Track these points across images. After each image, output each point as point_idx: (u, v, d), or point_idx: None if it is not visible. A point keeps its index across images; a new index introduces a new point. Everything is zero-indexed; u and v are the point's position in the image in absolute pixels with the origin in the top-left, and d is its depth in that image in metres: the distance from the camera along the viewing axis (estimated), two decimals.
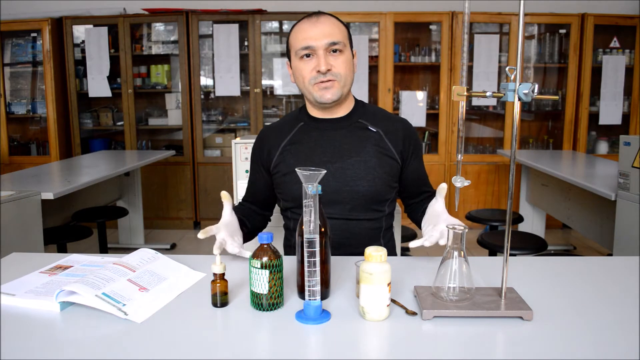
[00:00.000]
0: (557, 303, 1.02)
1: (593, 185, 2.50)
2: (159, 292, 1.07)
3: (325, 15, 1.35)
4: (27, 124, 4.50)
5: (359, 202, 1.38)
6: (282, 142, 1.44)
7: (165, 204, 4.41)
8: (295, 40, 1.35)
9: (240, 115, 4.56)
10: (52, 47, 4.13)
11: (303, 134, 1.43)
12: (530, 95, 0.90)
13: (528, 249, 2.36)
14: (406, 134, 1.44)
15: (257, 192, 1.52)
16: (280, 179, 1.42)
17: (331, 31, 1.32)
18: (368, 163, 1.38)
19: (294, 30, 1.37)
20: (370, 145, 1.40)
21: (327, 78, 1.33)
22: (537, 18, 4.21)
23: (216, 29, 4.18)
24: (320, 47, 1.31)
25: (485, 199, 4.35)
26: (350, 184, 1.36)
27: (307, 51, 1.33)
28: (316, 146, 1.40)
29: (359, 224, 1.40)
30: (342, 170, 1.37)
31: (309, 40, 1.32)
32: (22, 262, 1.27)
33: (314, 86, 1.35)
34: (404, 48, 4.33)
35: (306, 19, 1.35)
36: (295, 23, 1.39)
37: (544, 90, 4.41)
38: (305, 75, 1.35)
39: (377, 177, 1.38)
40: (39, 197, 2.27)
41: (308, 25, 1.33)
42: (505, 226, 1.98)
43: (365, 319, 0.96)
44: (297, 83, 1.40)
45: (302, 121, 1.46)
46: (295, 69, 1.38)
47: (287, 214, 1.47)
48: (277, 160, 1.43)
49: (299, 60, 1.35)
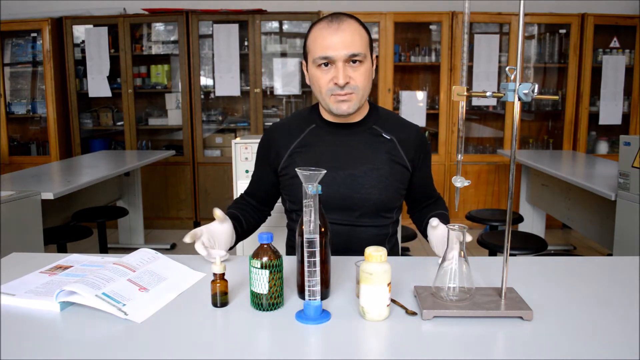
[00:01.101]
0: (557, 303, 1.02)
1: (593, 185, 2.50)
2: (159, 292, 1.07)
3: (347, 21, 1.27)
4: (27, 124, 4.50)
5: (368, 210, 1.37)
6: (291, 144, 1.40)
7: (165, 204, 4.41)
8: (313, 45, 1.29)
9: (240, 115, 4.56)
10: (52, 47, 4.13)
11: (314, 138, 1.40)
12: (530, 95, 0.90)
13: (528, 249, 2.36)
14: (419, 143, 1.42)
15: (260, 189, 1.50)
16: (288, 182, 1.40)
17: (352, 41, 1.25)
18: (380, 171, 1.36)
19: (313, 33, 1.30)
20: (383, 152, 1.37)
21: (344, 92, 1.28)
22: (537, 18, 4.21)
23: (216, 29, 4.18)
24: (340, 59, 1.25)
25: (485, 199, 4.34)
26: (362, 192, 1.35)
27: (326, 61, 1.27)
28: (327, 151, 1.37)
29: (366, 231, 1.39)
30: (353, 177, 1.35)
31: (328, 50, 1.25)
32: (22, 262, 1.27)
33: (330, 97, 1.30)
34: (404, 48, 4.33)
35: (327, 22, 1.28)
36: (314, 22, 1.32)
37: (544, 90, 4.41)
38: (322, 84, 1.30)
39: (389, 185, 1.36)
40: (39, 197, 2.27)
41: (328, 32, 1.26)
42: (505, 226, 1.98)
43: (365, 319, 0.95)
44: (313, 89, 1.35)
45: (313, 123, 1.42)
46: (312, 76, 1.32)
47: (292, 215, 1.46)
48: (286, 162, 1.40)
49: (316, 67, 1.29)
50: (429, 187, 1.51)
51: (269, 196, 1.51)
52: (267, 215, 1.57)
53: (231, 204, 1.51)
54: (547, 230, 4.00)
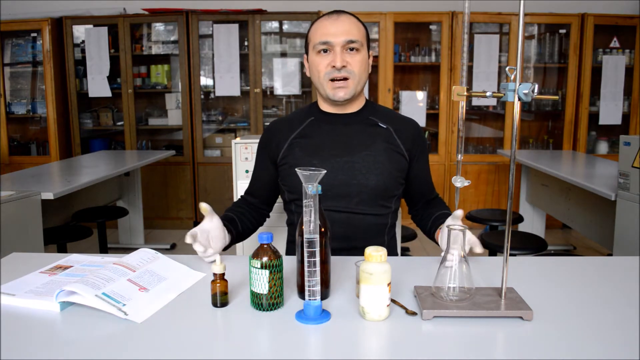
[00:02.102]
0: (557, 303, 1.02)
1: (593, 185, 2.50)
2: (159, 292, 1.07)
3: (345, 14, 1.38)
4: (27, 124, 4.50)
5: (366, 196, 1.39)
6: (291, 134, 1.45)
7: (165, 204, 4.41)
8: (314, 34, 1.38)
9: (240, 115, 4.56)
10: (52, 47, 4.13)
11: (313, 128, 1.45)
12: (530, 95, 0.90)
13: (528, 249, 2.36)
14: (415, 134, 1.46)
15: (261, 187, 1.52)
16: (287, 171, 1.43)
17: (350, 29, 1.35)
18: (377, 157, 1.39)
19: (314, 26, 1.40)
20: (380, 140, 1.41)
21: (341, 74, 1.35)
22: (537, 18, 4.21)
23: (216, 29, 4.18)
24: (338, 44, 1.34)
25: (485, 199, 4.34)
26: (359, 177, 1.37)
27: (325, 46, 1.35)
28: (326, 140, 1.42)
29: (365, 219, 1.40)
30: (350, 163, 1.38)
31: (328, 36, 1.35)
32: (22, 262, 1.27)
33: (328, 82, 1.37)
34: (404, 48, 4.33)
35: (327, 16, 1.38)
36: (316, 19, 1.42)
37: (544, 90, 4.41)
38: (321, 69, 1.37)
39: (386, 170, 1.39)
40: (39, 197, 2.27)
41: (328, 22, 1.37)
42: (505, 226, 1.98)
43: (365, 319, 0.95)
44: (312, 77, 1.43)
45: (312, 116, 1.48)
46: (312, 63, 1.40)
47: (291, 207, 1.47)
48: (285, 152, 1.44)
49: (315, 54, 1.38)
50: (429, 185, 1.52)
51: (269, 194, 1.53)
52: (267, 215, 1.58)
53: (231, 205, 1.52)
54: (547, 230, 4.00)
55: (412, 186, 1.49)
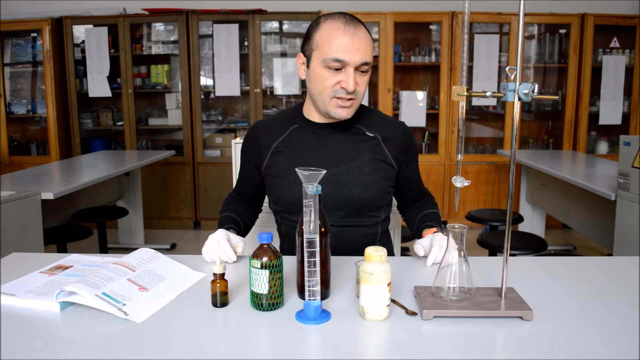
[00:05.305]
0: (557, 303, 1.02)
1: (593, 185, 2.50)
2: (159, 292, 1.07)
3: (361, 28, 1.27)
4: (27, 124, 4.50)
5: (354, 209, 1.36)
6: (273, 142, 1.40)
7: (165, 204, 4.41)
8: (325, 44, 1.25)
9: (240, 115, 4.56)
10: (52, 47, 4.13)
11: (296, 137, 1.39)
12: (530, 95, 0.90)
13: (528, 249, 2.36)
14: (404, 140, 1.41)
15: (247, 189, 1.50)
16: (272, 182, 1.40)
17: (366, 48, 1.26)
18: (363, 169, 1.35)
19: (325, 30, 1.26)
20: (366, 151, 1.37)
21: (349, 97, 1.28)
22: (537, 18, 4.21)
23: (216, 29, 4.18)
24: (353, 64, 1.25)
25: (485, 199, 4.34)
26: (345, 191, 1.34)
27: (338, 65, 1.25)
28: (310, 151, 1.37)
29: (355, 230, 1.38)
30: (336, 176, 1.34)
31: (344, 55, 1.24)
32: (22, 262, 1.27)
33: (332, 99, 1.29)
34: (404, 48, 4.33)
35: (342, 23, 1.26)
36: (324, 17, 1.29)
37: (544, 90, 4.41)
38: (327, 86, 1.28)
39: (373, 183, 1.35)
40: (39, 197, 2.27)
41: (345, 37, 1.24)
42: (505, 226, 1.98)
43: (365, 319, 0.95)
44: (312, 87, 1.32)
45: (296, 123, 1.40)
46: (316, 74, 1.29)
47: (277, 218, 1.46)
48: (269, 161, 1.40)
49: (323, 67, 1.27)
50: (417, 183, 1.51)
51: (256, 196, 1.52)
52: (258, 213, 1.57)
53: (224, 206, 1.50)
54: (547, 230, 4.00)
55: (401, 188, 1.48)
